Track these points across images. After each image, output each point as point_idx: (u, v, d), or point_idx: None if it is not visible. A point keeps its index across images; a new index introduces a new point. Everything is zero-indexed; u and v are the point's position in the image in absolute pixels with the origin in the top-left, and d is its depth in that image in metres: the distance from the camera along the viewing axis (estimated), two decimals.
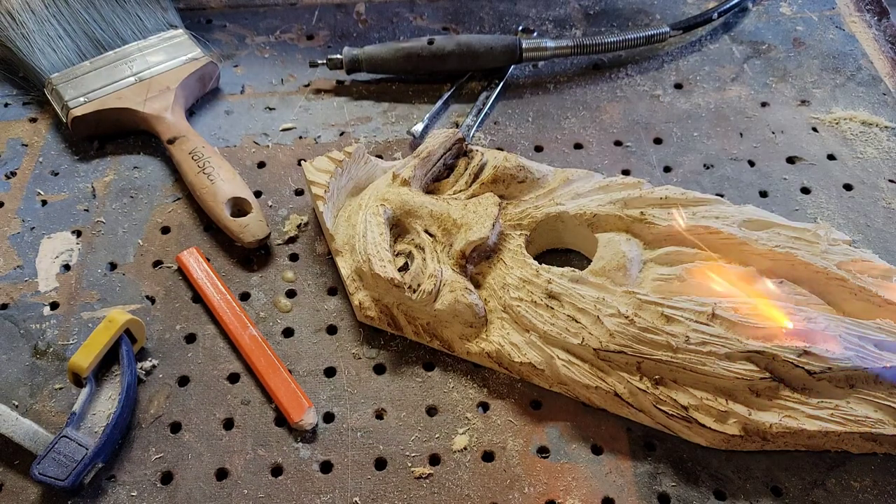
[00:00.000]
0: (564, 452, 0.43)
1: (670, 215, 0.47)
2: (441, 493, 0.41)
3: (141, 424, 0.44)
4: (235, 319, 0.48)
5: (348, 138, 0.60)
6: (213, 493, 0.42)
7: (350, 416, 0.45)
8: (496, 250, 0.48)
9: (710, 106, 0.61)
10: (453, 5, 0.70)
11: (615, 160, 0.57)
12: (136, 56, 0.61)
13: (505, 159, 0.51)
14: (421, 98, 0.62)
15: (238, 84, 0.64)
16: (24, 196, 0.56)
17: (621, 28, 0.68)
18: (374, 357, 0.47)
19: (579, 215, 0.49)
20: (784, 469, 0.42)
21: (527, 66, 0.65)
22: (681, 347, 0.41)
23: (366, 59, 0.62)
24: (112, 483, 0.42)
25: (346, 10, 0.70)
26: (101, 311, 0.49)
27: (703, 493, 0.41)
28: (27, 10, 0.60)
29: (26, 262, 0.52)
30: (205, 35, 0.65)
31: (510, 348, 0.45)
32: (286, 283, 0.51)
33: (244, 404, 0.45)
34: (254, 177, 0.57)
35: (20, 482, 0.42)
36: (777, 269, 0.46)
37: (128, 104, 0.58)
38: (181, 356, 0.47)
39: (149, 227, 0.54)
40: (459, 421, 0.44)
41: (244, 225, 0.51)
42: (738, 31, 0.67)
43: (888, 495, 0.41)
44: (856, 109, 0.60)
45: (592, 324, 0.43)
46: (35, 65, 0.59)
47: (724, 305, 0.42)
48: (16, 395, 0.46)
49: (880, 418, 0.41)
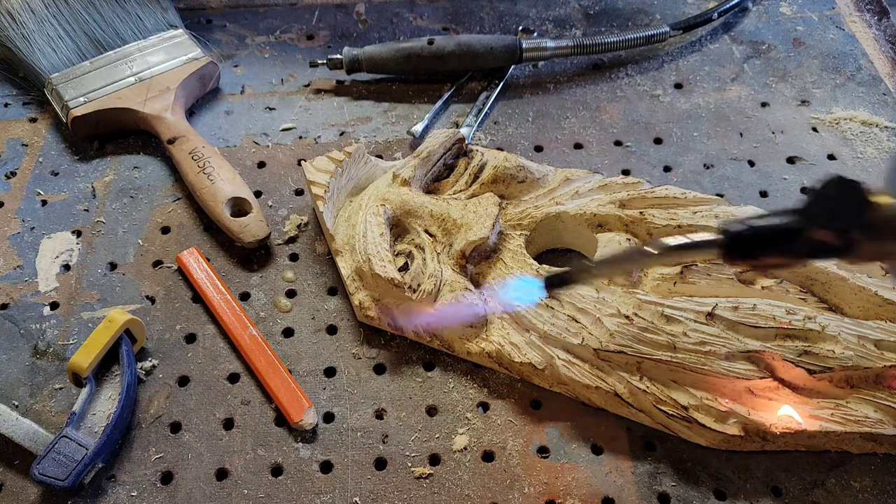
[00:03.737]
0: (564, 452, 0.43)
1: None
2: (441, 493, 0.41)
3: (141, 424, 0.44)
4: (235, 319, 0.48)
5: (348, 138, 0.60)
6: (213, 493, 0.42)
7: (350, 416, 0.45)
8: (496, 250, 0.48)
9: (710, 106, 0.61)
10: (453, 5, 0.70)
11: (615, 160, 0.57)
12: (136, 56, 0.61)
13: (505, 159, 0.51)
14: (421, 98, 0.62)
15: (238, 84, 0.64)
16: (24, 196, 0.56)
17: (621, 28, 0.68)
18: (374, 357, 0.47)
19: (579, 215, 0.49)
20: (784, 469, 0.42)
21: (527, 66, 0.65)
22: (681, 347, 0.41)
23: (366, 59, 0.62)
24: (112, 483, 0.42)
25: (346, 10, 0.70)
26: (101, 311, 0.49)
27: (703, 493, 0.41)
28: (27, 10, 0.60)
29: (26, 262, 0.52)
30: (205, 35, 0.65)
31: (510, 348, 0.45)
32: (286, 283, 0.51)
33: (244, 404, 0.45)
34: (254, 177, 0.57)
35: (20, 482, 0.42)
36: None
37: (128, 104, 0.58)
38: (181, 356, 0.47)
39: (149, 227, 0.54)
40: (459, 421, 0.44)
41: (244, 225, 0.51)
42: (738, 31, 0.67)
43: (888, 495, 0.41)
44: (856, 109, 0.60)
45: (592, 324, 0.43)
46: (35, 65, 0.59)
47: (724, 305, 0.42)
48: (16, 395, 0.46)
49: (880, 418, 0.41)
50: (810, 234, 0.30)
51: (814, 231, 0.30)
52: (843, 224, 0.30)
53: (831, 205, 0.30)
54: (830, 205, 0.30)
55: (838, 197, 0.30)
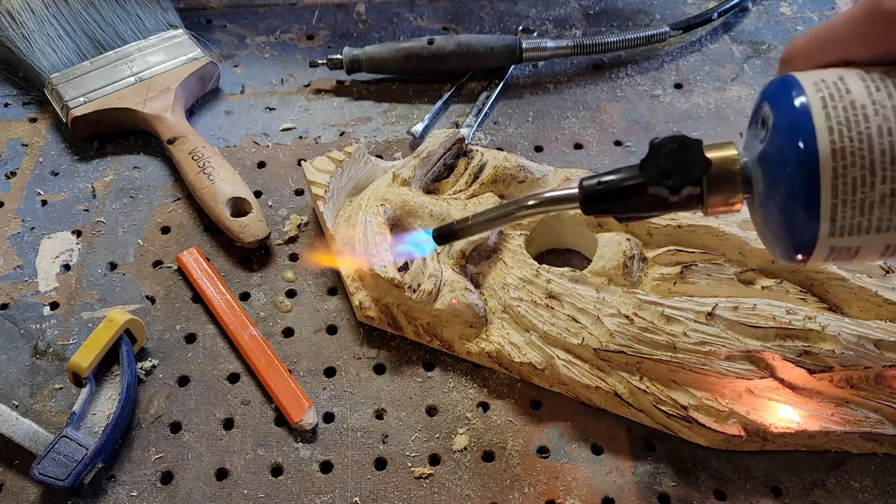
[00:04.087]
0: (564, 452, 0.43)
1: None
2: (441, 493, 0.41)
3: (141, 424, 0.44)
4: (235, 319, 0.48)
5: (348, 138, 0.60)
6: (213, 493, 0.42)
7: (350, 416, 0.45)
8: (496, 250, 0.48)
9: (710, 106, 0.61)
10: (453, 5, 0.70)
11: (615, 160, 0.57)
12: (136, 56, 0.61)
13: (505, 159, 0.51)
14: (421, 98, 0.62)
15: (238, 84, 0.64)
16: (24, 196, 0.56)
17: (621, 28, 0.68)
18: (374, 357, 0.47)
19: (579, 215, 0.49)
20: (784, 469, 0.42)
21: (527, 66, 0.65)
22: (681, 347, 0.41)
23: (366, 59, 0.62)
24: (112, 483, 0.42)
25: (346, 10, 0.70)
26: (101, 311, 0.49)
27: (703, 493, 0.41)
28: (27, 10, 0.60)
29: (26, 262, 0.52)
30: (205, 35, 0.65)
31: (510, 348, 0.45)
32: (286, 283, 0.51)
33: (244, 404, 0.45)
34: (254, 177, 0.57)
35: (20, 482, 0.42)
36: (777, 268, 0.46)
37: (128, 104, 0.58)
38: (181, 356, 0.47)
39: (149, 227, 0.54)
40: (459, 421, 0.44)
41: (244, 225, 0.51)
42: (738, 31, 0.67)
43: (888, 495, 0.41)
44: None
45: (592, 324, 0.43)
46: (35, 65, 0.59)
47: (724, 305, 0.42)
48: (16, 395, 0.46)
49: (880, 418, 0.41)
50: (648, 190, 0.33)
51: (650, 187, 0.32)
52: (676, 181, 0.32)
53: (666, 161, 0.32)
54: (666, 161, 0.32)
55: (672, 154, 0.32)
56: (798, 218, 0.30)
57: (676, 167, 0.32)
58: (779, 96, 0.31)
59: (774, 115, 0.31)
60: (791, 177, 0.30)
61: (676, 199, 0.32)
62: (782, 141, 0.30)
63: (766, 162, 0.31)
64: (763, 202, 0.32)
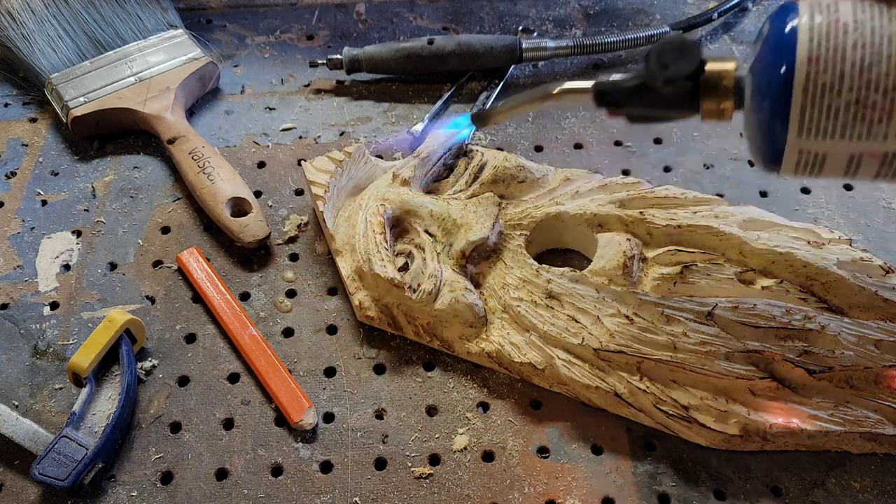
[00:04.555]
0: (564, 452, 0.43)
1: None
2: (441, 493, 0.41)
3: (141, 424, 0.44)
4: (235, 319, 0.48)
5: (348, 138, 0.60)
6: (213, 493, 0.42)
7: (350, 416, 0.45)
8: (496, 250, 0.48)
9: None
10: (453, 5, 0.70)
11: (615, 160, 0.57)
12: (136, 56, 0.61)
13: (505, 159, 0.51)
14: (421, 98, 0.62)
15: (238, 84, 0.64)
16: (24, 196, 0.56)
17: (621, 28, 0.68)
18: (374, 357, 0.47)
19: (579, 215, 0.49)
20: (784, 469, 0.42)
21: (527, 66, 0.65)
22: (681, 347, 0.41)
23: (366, 59, 0.62)
24: (112, 483, 0.42)
25: (346, 10, 0.70)
26: (101, 311, 0.49)
27: (703, 493, 0.41)
28: (27, 10, 0.60)
29: (26, 262, 0.52)
30: (205, 35, 0.65)
31: (510, 348, 0.45)
32: (286, 283, 0.51)
33: (244, 404, 0.45)
34: (254, 177, 0.57)
35: (20, 482, 0.42)
36: (777, 268, 0.46)
37: (128, 104, 0.58)
38: (181, 356, 0.47)
39: (149, 227, 0.54)
40: (459, 421, 0.44)
41: (244, 225, 0.51)
42: (738, 31, 0.67)
43: (888, 495, 0.41)
44: None
45: (592, 324, 0.43)
46: (35, 65, 0.59)
47: (724, 305, 0.42)
48: (16, 395, 0.46)
49: (880, 418, 0.41)
50: (649, 84, 0.35)
51: (652, 82, 0.35)
52: (672, 71, 0.35)
53: (666, 55, 0.35)
54: (665, 55, 0.35)
55: (672, 49, 0.35)
56: (772, 120, 0.33)
57: (674, 60, 0.35)
58: (776, 15, 0.34)
59: (768, 31, 0.34)
60: (770, 82, 0.33)
61: (672, 90, 0.35)
62: (768, 50, 0.34)
63: (754, 70, 0.35)
64: (750, 113, 0.35)
